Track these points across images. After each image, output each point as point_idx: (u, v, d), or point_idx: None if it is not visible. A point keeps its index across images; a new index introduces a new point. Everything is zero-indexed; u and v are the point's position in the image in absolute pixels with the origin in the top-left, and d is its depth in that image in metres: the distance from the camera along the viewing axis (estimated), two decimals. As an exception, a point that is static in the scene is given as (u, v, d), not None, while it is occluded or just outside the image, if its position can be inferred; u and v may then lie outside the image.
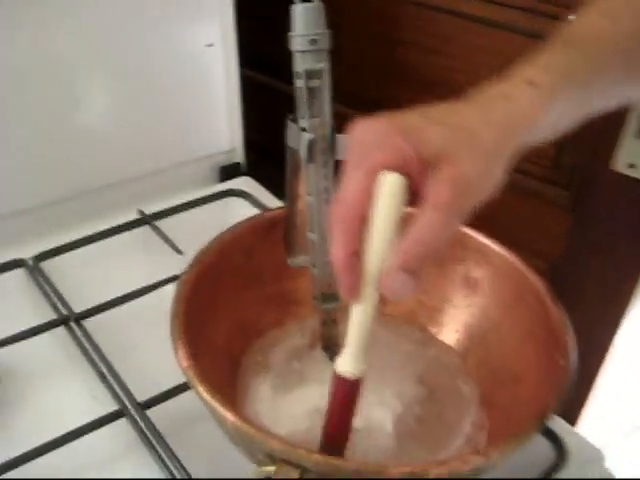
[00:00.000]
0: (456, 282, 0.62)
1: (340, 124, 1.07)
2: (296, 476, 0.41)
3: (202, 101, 0.89)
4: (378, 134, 0.41)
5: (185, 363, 0.46)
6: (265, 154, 0.95)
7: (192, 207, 0.87)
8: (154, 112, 0.87)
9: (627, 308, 0.93)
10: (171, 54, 0.84)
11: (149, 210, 0.85)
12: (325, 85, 0.52)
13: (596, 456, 0.60)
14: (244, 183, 0.93)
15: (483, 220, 0.99)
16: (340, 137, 0.54)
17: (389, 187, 0.40)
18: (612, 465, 0.61)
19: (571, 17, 0.51)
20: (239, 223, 0.59)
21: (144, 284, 0.72)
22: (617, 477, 0.60)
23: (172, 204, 0.86)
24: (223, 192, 0.90)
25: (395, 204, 0.40)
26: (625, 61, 0.48)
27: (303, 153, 0.53)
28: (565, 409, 1.03)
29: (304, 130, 0.53)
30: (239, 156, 0.95)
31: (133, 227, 0.83)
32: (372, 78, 1.04)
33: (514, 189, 0.95)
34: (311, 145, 0.53)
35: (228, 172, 0.94)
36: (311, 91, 0.52)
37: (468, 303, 0.61)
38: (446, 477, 0.40)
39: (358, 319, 0.43)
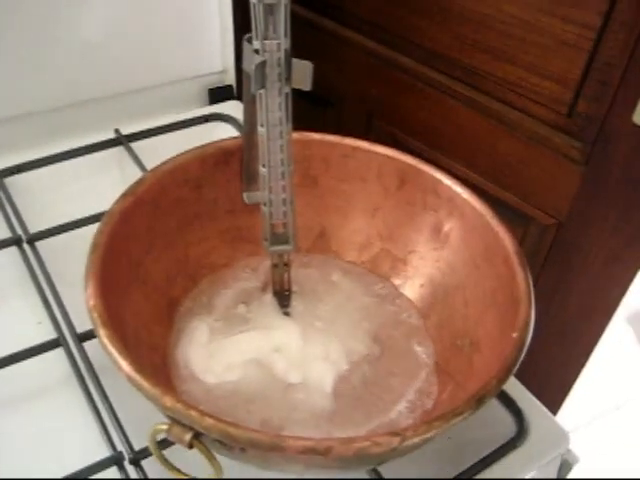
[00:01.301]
0: (425, 232, 0.56)
1: (350, 51, 1.02)
2: (187, 438, 0.37)
3: (192, 16, 0.83)
4: None
5: (91, 302, 0.42)
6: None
7: (173, 130, 0.81)
8: (141, 26, 0.80)
9: (635, 276, 0.86)
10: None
11: (128, 130, 0.80)
12: (282, 3, 0.46)
13: (560, 436, 0.55)
14: (234, 107, 0.87)
15: (489, 166, 0.93)
16: (297, 63, 0.48)
17: None
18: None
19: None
20: (185, 152, 0.54)
21: (106, 208, 0.68)
22: (581, 462, 0.56)
23: (153, 125, 0.81)
24: (208, 115, 0.84)
25: None
26: None
27: (253, 78, 0.47)
28: (559, 372, 0.97)
29: (257, 52, 0.47)
30: (230, 78, 0.89)
31: (106, 147, 0.78)
32: (385, 3, 0.96)
33: (523, 135, 0.87)
34: (261, 69, 0.47)
35: (218, 95, 0.88)
36: (266, 8, 0.46)
37: (436, 257, 0.56)
38: (352, 456, 0.36)
39: None
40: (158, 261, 0.52)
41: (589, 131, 0.81)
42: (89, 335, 0.56)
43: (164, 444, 0.43)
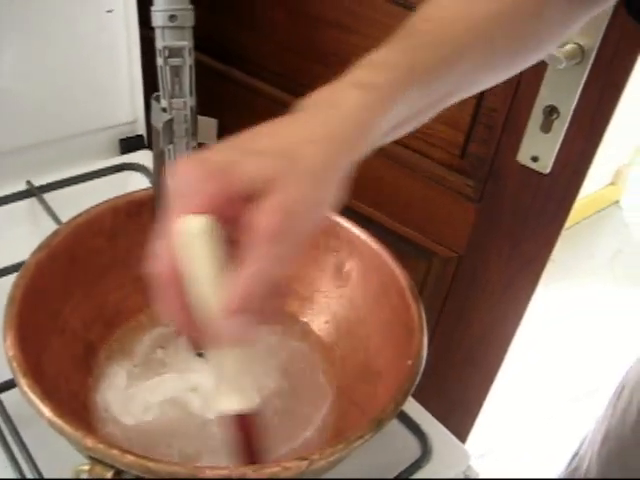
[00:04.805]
0: (328, 272, 0.60)
1: (258, 100, 1.06)
2: (109, 476, 0.39)
3: (102, 70, 0.86)
4: (189, 182, 0.36)
5: (11, 352, 0.44)
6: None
7: (85, 180, 0.83)
8: (51, 80, 0.83)
9: (529, 301, 0.93)
10: (70, 20, 0.80)
11: (40, 182, 0.82)
12: (187, 65, 0.50)
13: (461, 454, 0.60)
14: (145, 157, 0.89)
15: (393, 206, 0.99)
16: (202, 119, 0.52)
17: (191, 230, 0.36)
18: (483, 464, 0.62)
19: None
20: (98, 205, 0.57)
21: (20, 260, 0.69)
22: (481, 476, 0.60)
23: (65, 176, 0.83)
24: (120, 165, 0.86)
25: (203, 244, 0.36)
26: (484, 44, 0.44)
27: (161, 134, 0.51)
28: (465, 399, 1.03)
29: (164, 110, 0.51)
30: (141, 128, 0.91)
31: (18, 199, 0.79)
32: (288, 54, 1.01)
33: (422, 175, 0.94)
34: (169, 126, 0.51)
35: (129, 145, 0.91)
36: (172, 70, 0.50)
37: (339, 294, 0.60)
38: (265, 481, 0.39)
39: (226, 362, 0.40)
40: (77, 310, 0.54)
41: (480, 170, 0.88)
42: (6, 386, 0.57)
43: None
